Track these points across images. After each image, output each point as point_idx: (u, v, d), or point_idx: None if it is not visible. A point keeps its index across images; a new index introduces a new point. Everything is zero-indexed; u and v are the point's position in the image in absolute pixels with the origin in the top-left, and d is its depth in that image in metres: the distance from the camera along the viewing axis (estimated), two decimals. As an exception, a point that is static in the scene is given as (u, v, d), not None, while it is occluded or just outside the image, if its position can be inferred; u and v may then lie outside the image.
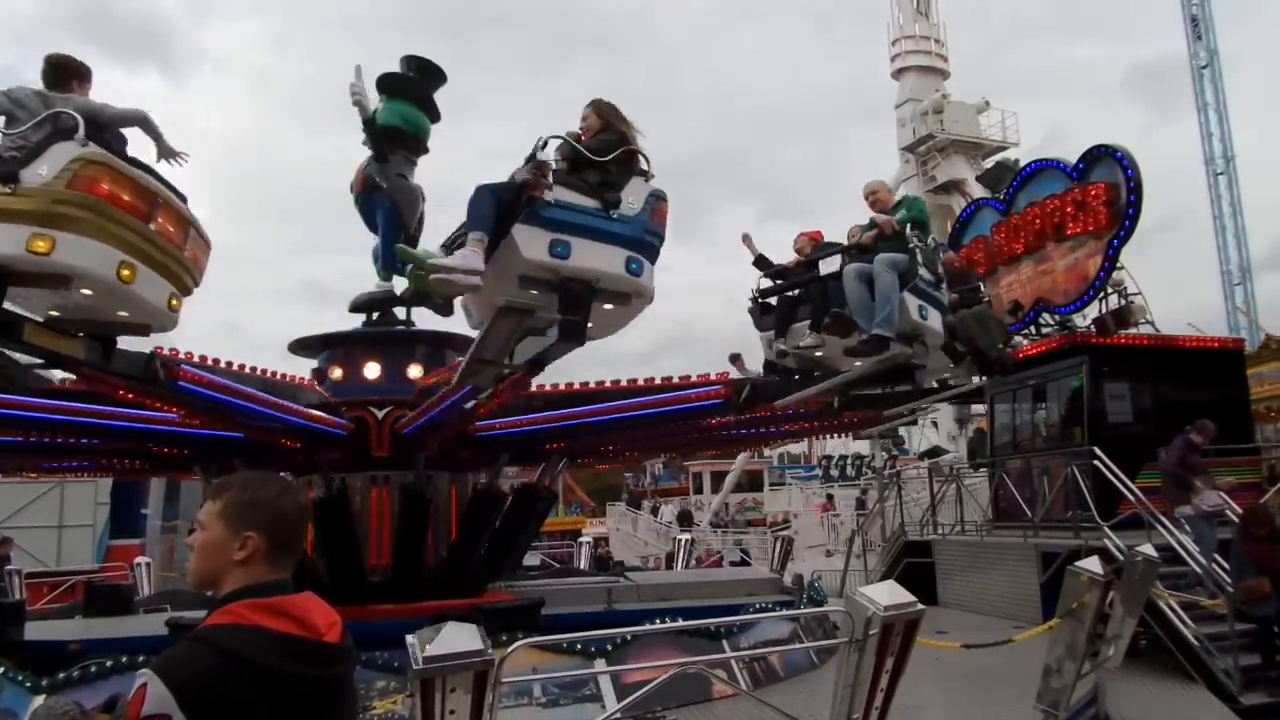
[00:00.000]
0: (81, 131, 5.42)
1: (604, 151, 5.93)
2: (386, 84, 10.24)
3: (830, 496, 28.85)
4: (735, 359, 10.45)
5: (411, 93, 10.24)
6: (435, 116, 10.53)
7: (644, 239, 6.01)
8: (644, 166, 6.14)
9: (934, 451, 29.78)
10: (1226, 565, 8.60)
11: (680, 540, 19.08)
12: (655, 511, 33.08)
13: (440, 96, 10.62)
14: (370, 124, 9.93)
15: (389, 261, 10.23)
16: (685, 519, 30.41)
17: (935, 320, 7.40)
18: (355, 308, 10.68)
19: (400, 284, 10.28)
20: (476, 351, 6.10)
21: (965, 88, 32.15)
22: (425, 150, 10.56)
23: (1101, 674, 6.74)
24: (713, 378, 8.58)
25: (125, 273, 5.48)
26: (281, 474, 8.63)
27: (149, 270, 5.71)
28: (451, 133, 11.00)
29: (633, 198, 5.97)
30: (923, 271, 7.21)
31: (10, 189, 5.23)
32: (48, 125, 5.41)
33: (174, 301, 6.10)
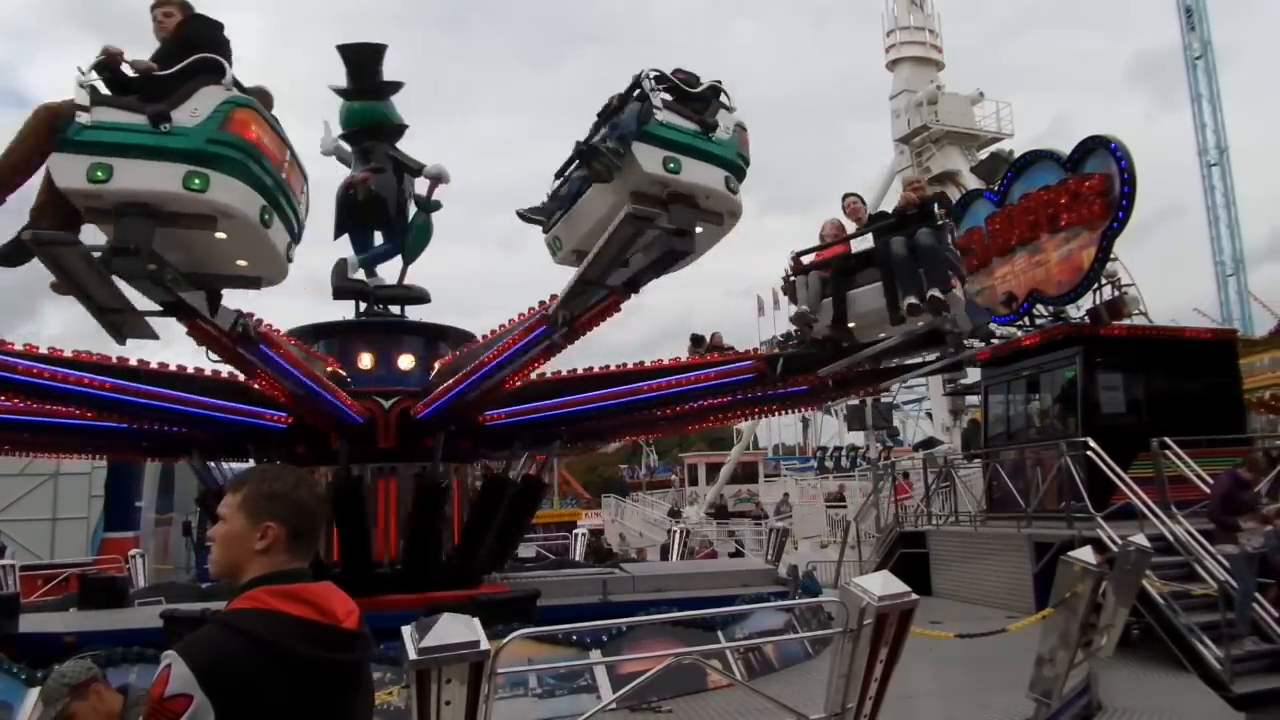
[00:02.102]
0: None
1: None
2: (341, 94, 10.48)
3: (906, 475, 25.80)
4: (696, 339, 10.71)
5: (359, 93, 10.38)
6: (389, 90, 10.59)
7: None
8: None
9: (929, 443, 29.84)
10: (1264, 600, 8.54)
11: (675, 531, 19.10)
12: (676, 514, 30.00)
13: (436, 90, 10.77)
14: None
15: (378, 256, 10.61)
16: (721, 513, 29.34)
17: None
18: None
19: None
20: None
21: (966, 80, 32.33)
22: (396, 133, 10.65)
23: (1094, 663, 6.79)
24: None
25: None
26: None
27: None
28: (450, 125, 11.16)
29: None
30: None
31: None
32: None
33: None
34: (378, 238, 10.64)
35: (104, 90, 5.40)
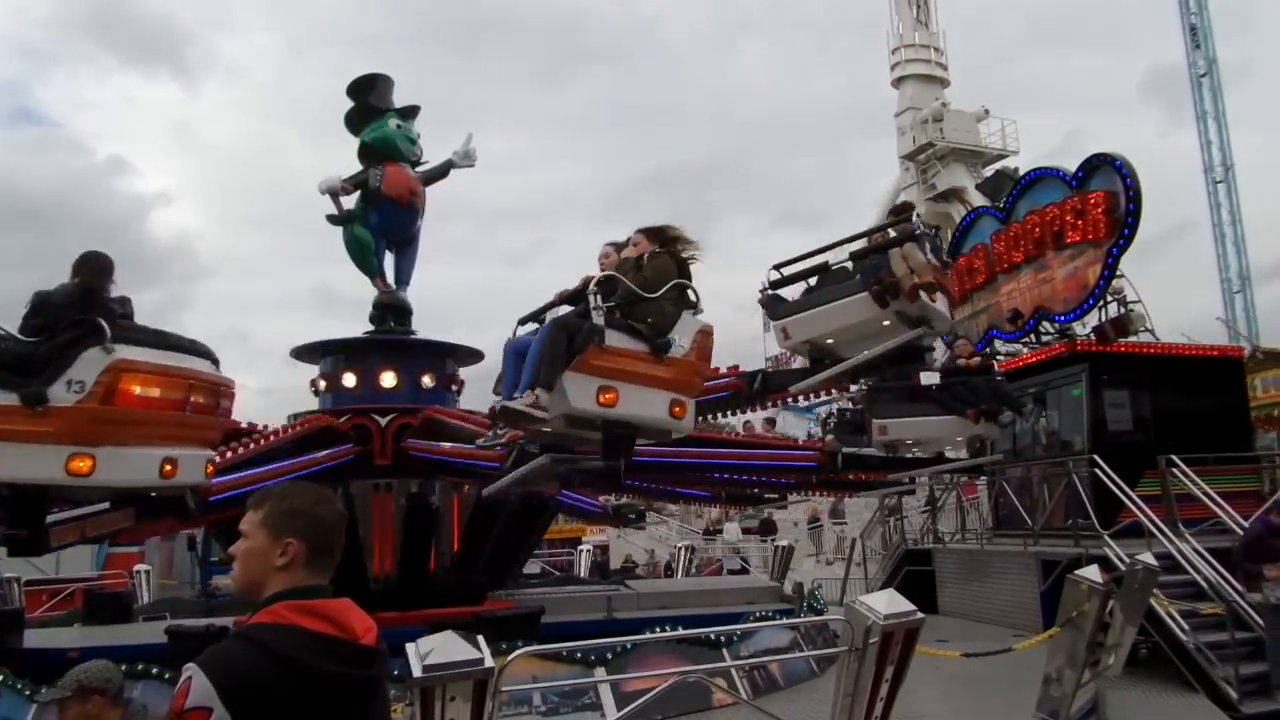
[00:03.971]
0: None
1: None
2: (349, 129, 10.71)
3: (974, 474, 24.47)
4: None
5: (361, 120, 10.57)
6: (364, 115, 10.84)
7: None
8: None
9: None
10: None
11: (680, 548, 19.08)
12: (713, 532, 28.53)
13: (445, 109, 10.95)
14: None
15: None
16: (769, 529, 28.82)
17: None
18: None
19: None
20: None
21: (977, 98, 32.25)
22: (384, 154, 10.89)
23: (1101, 683, 6.74)
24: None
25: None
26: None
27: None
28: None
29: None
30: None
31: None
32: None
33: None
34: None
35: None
